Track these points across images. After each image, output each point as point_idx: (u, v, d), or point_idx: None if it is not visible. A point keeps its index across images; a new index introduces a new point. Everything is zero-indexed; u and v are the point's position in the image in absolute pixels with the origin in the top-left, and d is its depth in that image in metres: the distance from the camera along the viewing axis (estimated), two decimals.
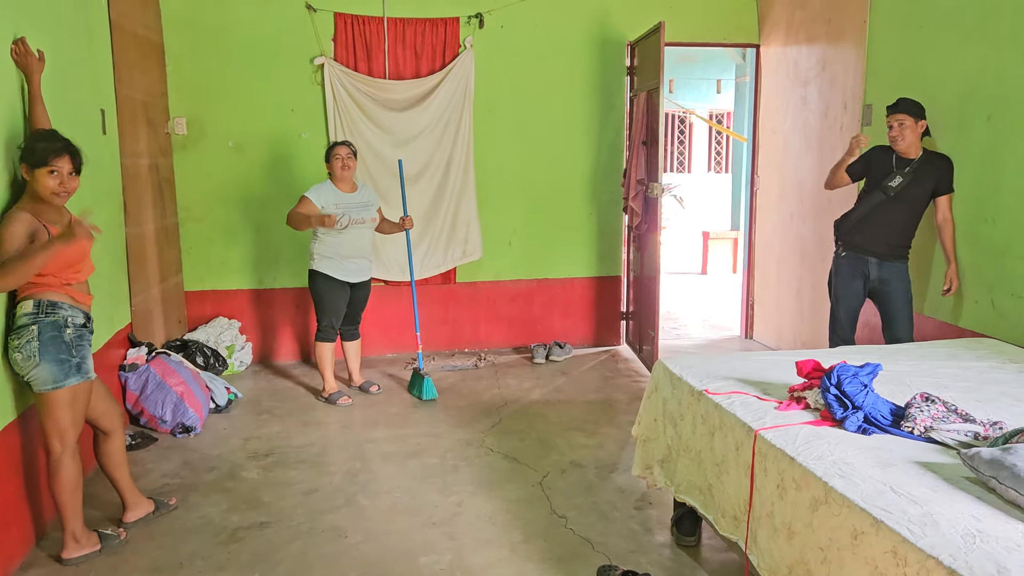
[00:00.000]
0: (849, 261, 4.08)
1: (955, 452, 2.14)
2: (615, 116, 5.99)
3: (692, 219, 11.96)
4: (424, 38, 5.59)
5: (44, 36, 3.27)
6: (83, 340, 2.90)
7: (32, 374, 2.77)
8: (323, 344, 4.83)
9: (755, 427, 2.40)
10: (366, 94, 5.52)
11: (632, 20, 5.82)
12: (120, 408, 3.28)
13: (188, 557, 2.99)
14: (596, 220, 6.10)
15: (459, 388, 5.12)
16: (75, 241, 2.68)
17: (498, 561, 2.94)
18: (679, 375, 2.97)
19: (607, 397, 4.95)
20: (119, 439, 3.17)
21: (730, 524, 2.53)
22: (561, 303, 6.17)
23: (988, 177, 3.73)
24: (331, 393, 4.85)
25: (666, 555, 2.98)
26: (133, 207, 4.49)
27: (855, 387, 2.41)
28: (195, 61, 5.34)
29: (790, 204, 5.67)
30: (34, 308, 2.77)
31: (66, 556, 2.91)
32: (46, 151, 2.78)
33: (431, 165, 5.70)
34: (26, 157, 2.77)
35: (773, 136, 5.92)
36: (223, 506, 3.42)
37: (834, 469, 2.06)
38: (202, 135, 5.43)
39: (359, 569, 2.89)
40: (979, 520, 1.75)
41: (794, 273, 5.62)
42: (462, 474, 3.74)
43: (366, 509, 3.38)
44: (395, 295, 5.87)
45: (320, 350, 4.84)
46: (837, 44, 5.01)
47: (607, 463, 3.85)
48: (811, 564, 2.04)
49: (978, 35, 3.79)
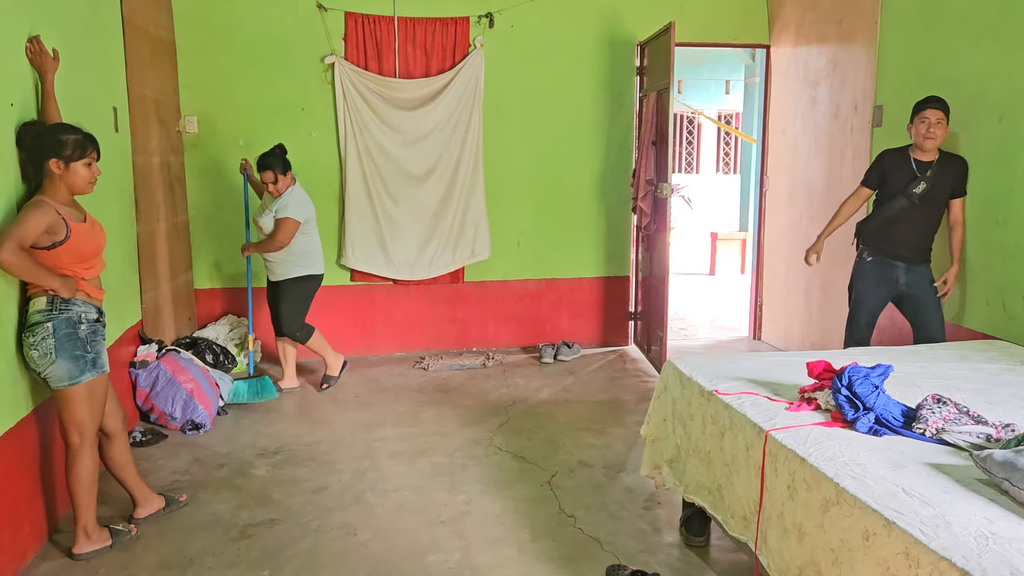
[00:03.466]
0: (876, 266, 4.01)
1: (967, 454, 2.14)
2: (624, 116, 5.99)
3: (700, 220, 11.95)
4: (434, 37, 5.60)
5: (57, 34, 3.29)
6: (97, 335, 2.92)
7: (49, 371, 2.79)
8: (315, 331, 5.01)
9: (766, 428, 2.39)
10: (376, 93, 5.53)
11: (641, 20, 5.81)
12: (124, 410, 3.29)
13: (198, 553, 3.00)
14: (605, 220, 6.10)
15: (467, 387, 5.12)
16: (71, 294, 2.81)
17: (506, 560, 2.94)
18: (689, 375, 2.97)
19: (615, 397, 4.95)
20: (122, 441, 3.18)
21: (740, 525, 2.52)
22: (569, 303, 6.17)
23: (1000, 179, 3.72)
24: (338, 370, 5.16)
25: (675, 555, 2.98)
26: (144, 205, 4.51)
27: (866, 388, 2.40)
28: (206, 59, 5.37)
29: (799, 205, 5.66)
30: (48, 305, 2.79)
31: (77, 551, 2.93)
32: (81, 143, 2.83)
33: (440, 164, 5.71)
34: (56, 151, 2.78)
35: (783, 137, 5.91)
36: (233, 503, 3.43)
37: (845, 470, 2.06)
38: (213, 133, 5.45)
39: (368, 567, 2.90)
40: (992, 522, 1.75)
41: (803, 274, 5.60)
42: (470, 473, 3.75)
43: (375, 507, 3.39)
44: (404, 294, 5.88)
45: (317, 336, 5.01)
46: (848, 45, 5.00)
47: (615, 463, 3.85)
48: (822, 565, 2.04)
49: (990, 36, 3.77)
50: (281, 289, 4.82)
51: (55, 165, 2.80)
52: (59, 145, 2.80)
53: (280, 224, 4.62)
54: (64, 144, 2.80)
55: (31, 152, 2.85)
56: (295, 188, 4.74)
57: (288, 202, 4.65)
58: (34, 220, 2.67)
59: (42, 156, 2.80)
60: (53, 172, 2.80)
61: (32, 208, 2.71)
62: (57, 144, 2.80)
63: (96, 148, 2.90)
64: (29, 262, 2.67)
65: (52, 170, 2.80)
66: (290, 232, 4.63)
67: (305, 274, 4.81)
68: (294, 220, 4.63)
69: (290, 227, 4.63)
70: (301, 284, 4.82)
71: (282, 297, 4.82)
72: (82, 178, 2.85)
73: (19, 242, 2.62)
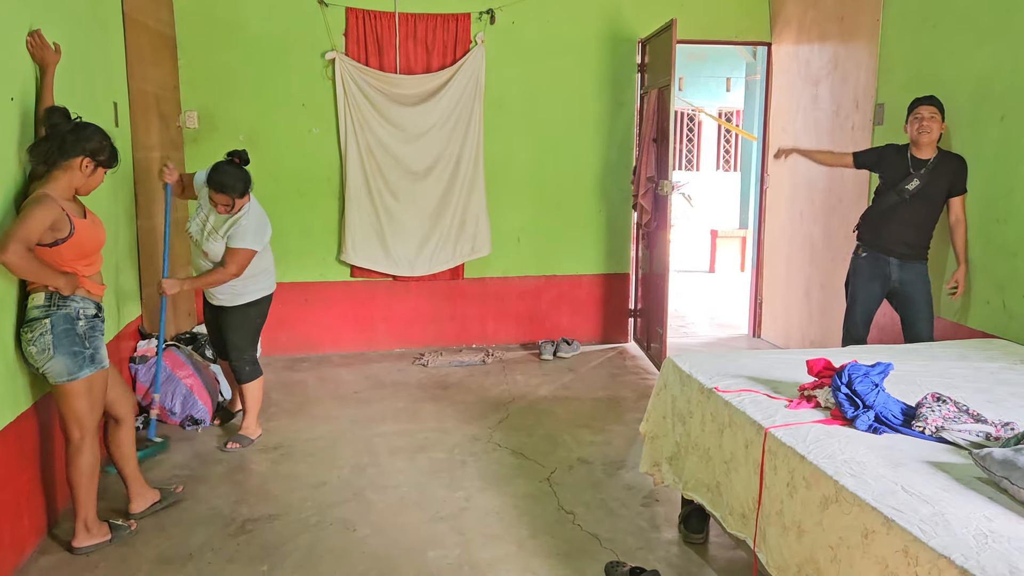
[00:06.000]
0: (869, 262, 4.05)
1: (966, 452, 2.14)
2: (625, 113, 5.98)
3: (700, 217, 11.94)
4: (435, 33, 5.60)
5: (58, 29, 3.28)
6: (95, 331, 2.91)
7: (47, 367, 2.79)
8: (261, 379, 4.13)
9: (765, 425, 2.40)
10: (377, 89, 5.53)
11: (643, 17, 5.81)
12: (133, 396, 3.31)
13: (198, 548, 3.00)
14: (605, 217, 6.10)
15: (467, 384, 5.13)
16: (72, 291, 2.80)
17: (506, 556, 2.95)
18: (689, 372, 2.97)
19: (614, 394, 4.95)
20: (129, 427, 3.20)
21: (738, 522, 2.53)
22: (569, 300, 6.17)
23: (1001, 177, 3.71)
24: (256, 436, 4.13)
25: (673, 552, 2.99)
26: (144, 200, 4.51)
27: (866, 386, 2.41)
28: (207, 55, 5.36)
29: (800, 203, 5.66)
30: (46, 301, 2.78)
31: (77, 545, 2.93)
32: (115, 154, 2.90)
33: (441, 161, 5.70)
34: (93, 151, 2.80)
35: (784, 135, 5.90)
36: (232, 498, 3.43)
37: (845, 468, 2.06)
38: (213, 129, 5.44)
39: (367, 563, 2.90)
40: (991, 520, 1.75)
41: (803, 272, 5.61)
42: (470, 469, 3.75)
43: (374, 503, 3.39)
44: (404, 290, 5.88)
45: (260, 385, 4.12)
46: (849, 43, 4.99)
47: (615, 460, 3.86)
48: (821, 563, 2.04)
49: (992, 35, 3.77)
50: (229, 315, 3.96)
51: (85, 163, 2.79)
52: (99, 147, 2.82)
53: (235, 255, 3.72)
54: (104, 148, 2.83)
55: (65, 139, 2.75)
56: (252, 206, 3.81)
57: (246, 226, 3.74)
58: (39, 217, 2.63)
59: (76, 149, 2.77)
60: (76, 168, 2.78)
61: (36, 204, 2.66)
62: (98, 146, 2.81)
63: (119, 162, 2.96)
64: (35, 262, 2.65)
65: (77, 167, 2.78)
66: (245, 264, 3.77)
67: (260, 297, 3.99)
68: (251, 251, 3.77)
69: (246, 258, 3.76)
70: (254, 308, 4.00)
71: (232, 326, 3.97)
72: (96, 184, 2.89)
73: (25, 242, 2.59)
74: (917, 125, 3.82)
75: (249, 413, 4.09)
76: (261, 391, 4.13)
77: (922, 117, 3.80)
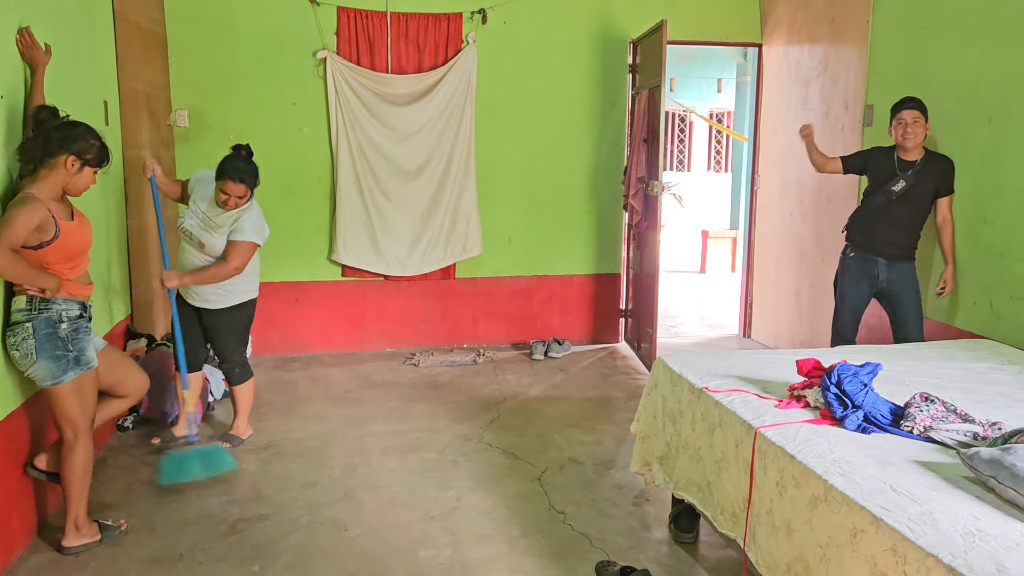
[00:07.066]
0: (857, 262, 4.07)
1: (954, 452, 2.16)
2: (616, 114, 5.99)
3: (691, 218, 11.97)
4: (427, 33, 5.59)
5: (48, 26, 3.26)
6: (79, 332, 2.85)
7: (31, 371, 2.76)
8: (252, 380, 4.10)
9: (755, 425, 2.41)
10: (368, 88, 5.52)
11: (634, 18, 5.82)
12: (143, 375, 3.28)
13: (188, 548, 2.99)
14: (596, 217, 6.11)
15: (458, 384, 5.13)
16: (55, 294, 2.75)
17: (497, 556, 2.95)
18: (679, 372, 2.98)
19: (605, 394, 4.96)
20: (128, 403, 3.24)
21: (729, 521, 2.54)
22: (560, 300, 6.18)
23: (988, 179, 3.74)
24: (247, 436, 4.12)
25: (664, 551, 3.00)
26: (134, 199, 4.49)
27: (855, 386, 2.42)
28: (198, 53, 5.34)
29: (790, 204, 5.68)
30: (27, 304, 2.73)
31: (66, 545, 2.92)
32: (103, 153, 2.85)
33: (432, 160, 5.70)
34: (80, 150, 2.76)
35: (774, 136, 5.93)
36: (223, 498, 3.42)
37: (834, 467, 2.07)
38: (204, 128, 5.42)
39: (358, 562, 2.90)
40: (978, 519, 1.77)
41: (793, 272, 5.63)
42: (461, 469, 3.75)
43: (365, 503, 3.39)
44: (395, 290, 5.88)
45: (251, 387, 4.10)
46: (839, 44, 5.02)
47: (605, 460, 3.87)
48: (810, 561, 2.05)
49: (980, 37, 3.80)
50: (218, 318, 3.90)
51: (71, 162, 2.76)
52: (86, 146, 2.78)
53: (238, 248, 3.71)
54: (91, 147, 2.79)
55: (50, 137, 2.73)
56: (254, 202, 3.85)
57: (249, 220, 3.77)
58: (24, 219, 2.60)
59: (61, 147, 2.73)
60: (61, 167, 2.75)
61: (21, 205, 2.62)
62: (84, 144, 2.77)
63: (109, 161, 2.92)
64: (22, 264, 2.62)
65: (62, 165, 2.75)
66: (248, 257, 3.78)
67: (249, 298, 3.96)
68: (254, 244, 3.79)
69: (249, 252, 3.78)
70: (244, 309, 3.96)
71: (221, 328, 3.92)
72: (85, 183, 2.85)
73: (10, 245, 2.56)
74: (902, 130, 3.83)
75: (240, 413, 4.06)
76: (252, 392, 4.10)
77: (906, 122, 3.81)
